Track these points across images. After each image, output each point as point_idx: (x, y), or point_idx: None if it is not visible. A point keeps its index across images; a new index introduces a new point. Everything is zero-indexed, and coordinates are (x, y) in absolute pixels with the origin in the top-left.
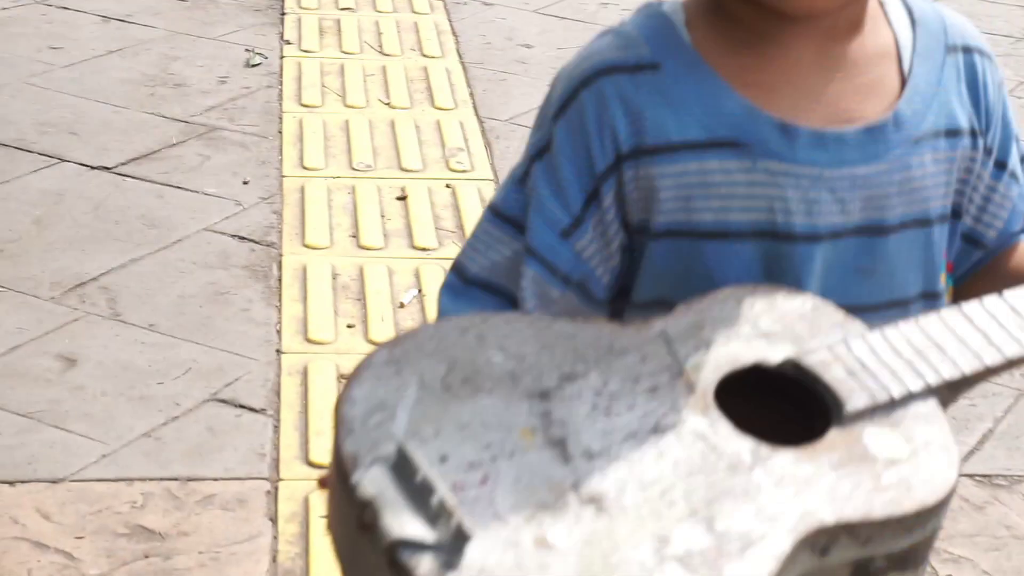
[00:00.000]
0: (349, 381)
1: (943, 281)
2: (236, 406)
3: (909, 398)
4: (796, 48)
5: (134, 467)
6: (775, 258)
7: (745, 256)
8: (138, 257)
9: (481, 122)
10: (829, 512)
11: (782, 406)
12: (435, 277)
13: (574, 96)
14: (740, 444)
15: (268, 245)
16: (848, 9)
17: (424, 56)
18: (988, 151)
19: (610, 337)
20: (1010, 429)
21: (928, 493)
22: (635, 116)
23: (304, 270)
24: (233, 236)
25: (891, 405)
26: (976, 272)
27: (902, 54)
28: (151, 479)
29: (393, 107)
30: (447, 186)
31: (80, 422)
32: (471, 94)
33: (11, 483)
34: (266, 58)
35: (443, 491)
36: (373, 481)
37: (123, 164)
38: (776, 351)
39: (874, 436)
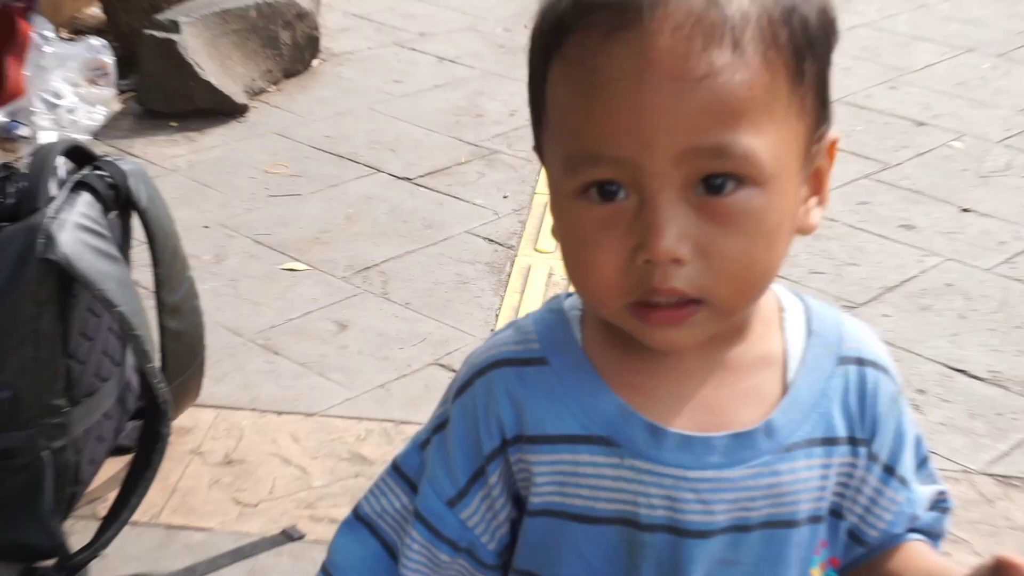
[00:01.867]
0: None
1: (816, 571)
2: (451, 370)
3: None
4: (676, 355)
5: (365, 410)
6: (639, 545)
7: (611, 539)
8: (412, 250)
9: None
10: None
11: None
12: None
13: (470, 383)
14: None
15: (508, 247)
16: (739, 318)
17: None
18: (874, 457)
19: None
20: None
21: None
22: (518, 407)
23: (529, 269)
24: (484, 238)
25: None
26: (858, 567)
27: (789, 363)
28: (375, 420)
29: None
30: None
31: (337, 373)
32: None
33: (279, 413)
34: None
35: None
36: None
37: (421, 176)
38: None
39: None
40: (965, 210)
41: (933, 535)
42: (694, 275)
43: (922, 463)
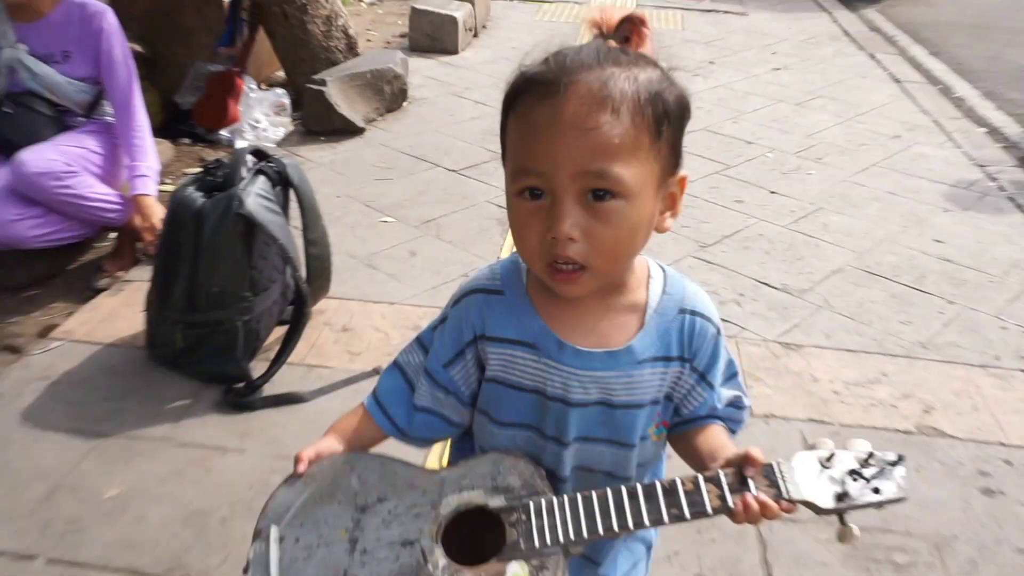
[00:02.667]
0: (277, 489)
1: (652, 432)
2: None
3: (546, 546)
4: (578, 299)
5: (423, 301)
6: (545, 406)
7: (530, 400)
8: (455, 211)
9: None
10: None
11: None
12: None
13: (460, 300)
14: (440, 559)
15: None
16: (615, 279)
17: None
18: (694, 369)
19: (416, 477)
20: (809, 324)
21: None
22: (484, 318)
23: None
24: (496, 205)
25: (533, 549)
26: (679, 433)
27: (648, 310)
28: (428, 307)
29: None
30: None
31: (406, 279)
32: None
33: (375, 302)
34: None
35: (274, 560)
36: (254, 549)
37: (462, 168)
38: (495, 500)
39: (511, 567)
40: (772, 192)
41: (730, 421)
42: (581, 250)
43: (731, 378)
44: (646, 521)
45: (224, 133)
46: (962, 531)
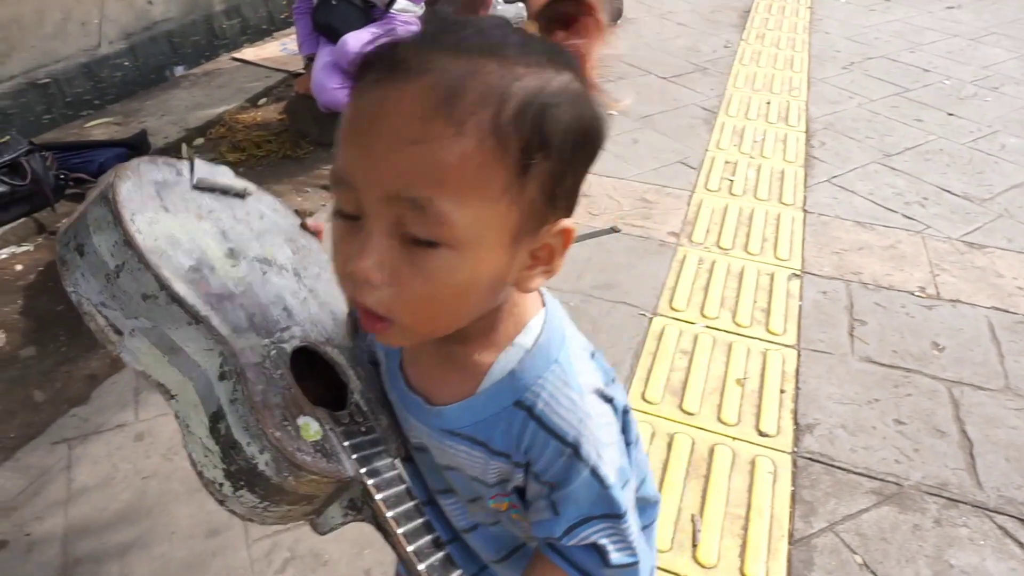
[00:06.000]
0: (289, 208)
1: (498, 505)
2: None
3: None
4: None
5: (647, 179)
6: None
7: None
8: (667, 110)
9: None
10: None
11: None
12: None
13: None
14: (288, 347)
15: None
16: (441, 335)
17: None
18: (535, 475)
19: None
20: (991, 228)
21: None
22: None
23: None
24: (701, 108)
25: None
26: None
27: (485, 380)
28: (651, 184)
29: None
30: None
31: (632, 160)
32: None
33: (609, 177)
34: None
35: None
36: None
37: (670, 77)
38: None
39: (312, 421)
40: (950, 114)
41: (575, 563)
42: (384, 298)
43: (604, 518)
44: (413, 556)
45: None
46: None
